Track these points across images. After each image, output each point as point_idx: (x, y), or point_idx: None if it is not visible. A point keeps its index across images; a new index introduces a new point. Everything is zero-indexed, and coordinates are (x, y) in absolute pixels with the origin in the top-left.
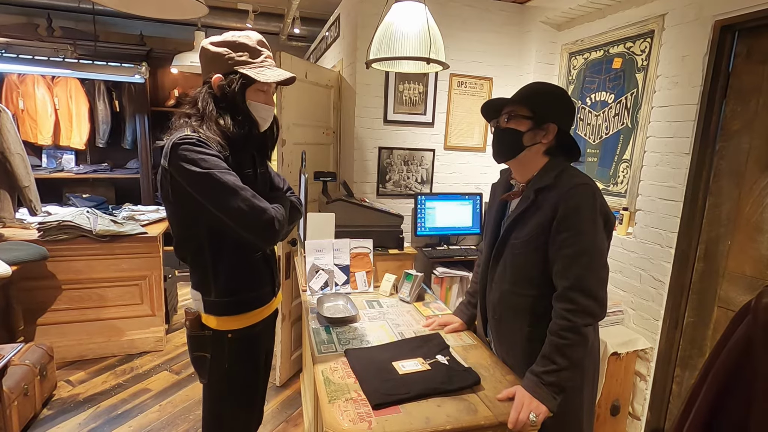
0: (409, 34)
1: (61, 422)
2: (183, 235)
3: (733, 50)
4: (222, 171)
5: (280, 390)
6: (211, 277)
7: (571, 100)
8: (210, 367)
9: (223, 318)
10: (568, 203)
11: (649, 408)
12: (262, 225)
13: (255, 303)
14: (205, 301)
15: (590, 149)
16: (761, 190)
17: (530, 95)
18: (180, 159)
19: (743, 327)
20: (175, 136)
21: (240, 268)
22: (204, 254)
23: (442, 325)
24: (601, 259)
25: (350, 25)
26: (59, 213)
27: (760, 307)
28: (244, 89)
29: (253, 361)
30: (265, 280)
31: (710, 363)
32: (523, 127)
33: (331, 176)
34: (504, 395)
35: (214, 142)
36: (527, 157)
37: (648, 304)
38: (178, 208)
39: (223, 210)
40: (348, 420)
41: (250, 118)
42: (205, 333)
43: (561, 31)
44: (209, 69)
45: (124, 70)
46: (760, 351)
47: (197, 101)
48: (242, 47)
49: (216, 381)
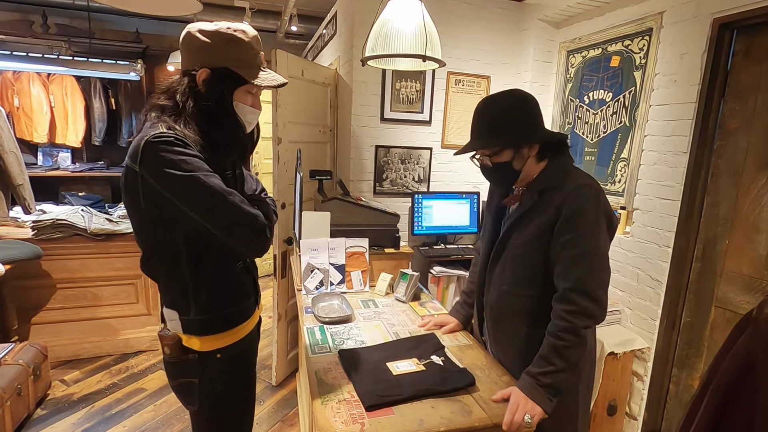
0: (405, 32)
1: (54, 422)
2: (155, 247)
3: (731, 48)
4: (206, 174)
5: (276, 389)
6: (191, 292)
7: (526, 105)
8: (200, 392)
9: (209, 337)
10: (572, 205)
11: (646, 408)
12: (253, 233)
13: (240, 317)
14: (184, 321)
15: (588, 148)
16: (759, 189)
17: (491, 129)
18: (155, 160)
19: (744, 339)
20: (149, 134)
21: (223, 280)
22: (181, 267)
23: (437, 325)
24: (603, 261)
25: (347, 23)
26: (54, 211)
27: (761, 318)
28: (233, 90)
29: (246, 379)
30: (249, 291)
31: (710, 375)
32: (506, 157)
33: (327, 175)
34: (499, 396)
35: (193, 140)
36: (525, 172)
37: (645, 304)
38: (150, 216)
39: (208, 217)
40: (341, 421)
41: (236, 120)
42: (190, 357)
43: (559, 29)
44: (194, 60)
45: (120, 67)
46: (762, 364)
47: (175, 93)
48: (236, 43)
49: (209, 407)
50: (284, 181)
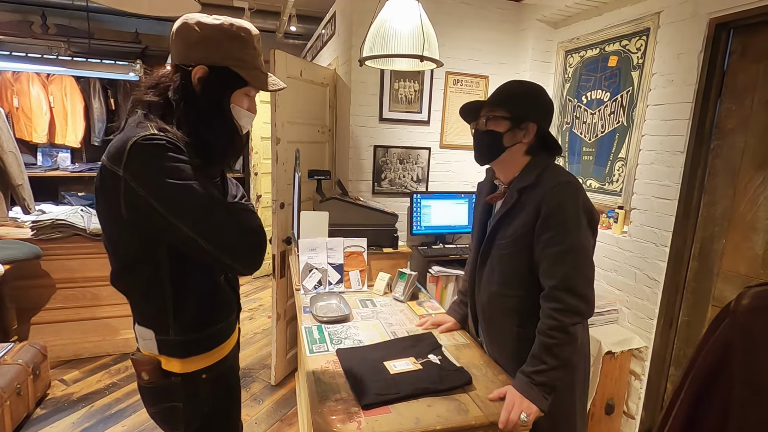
0: (402, 32)
1: (54, 422)
2: (132, 260)
3: (728, 48)
4: (202, 184)
5: (275, 389)
6: (171, 310)
7: (549, 99)
8: (185, 416)
9: (191, 359)
10: (551, 202)
11: (644, 407)
12: (251, 247)
13: (224, 334)
14: (161, 341)
15: (586, 148)
16: (756, 188)
17: (507, 96)
18: (144, 165)
19: (722, 330)
20: (137, 134)
21: (207, 296)
22: (161, 283)
23: (435, 324)
24: (587, 257)
25: (345, 23)
26: (53, 211)
27: (739, 309)
28: (231, 91)
29: (233, 394)
30: (233, 306)
31: (690, 366)
32: (502, 128)
33: (325, 174)
34: (495, 395)
35: (184, 144)
36: (508, 157)
37: (643, 303)
38: (130, 225)
39: (202, 232)
40: (338, 420)
41: (232, 124)
42: (173, 380)
43: (557, 29)
44: (191, 55)
45: (119, 67)
46: (739, 355)
47: (165, 90)
48: (240, 40)
49: (196, 429)
50: (283, 181)
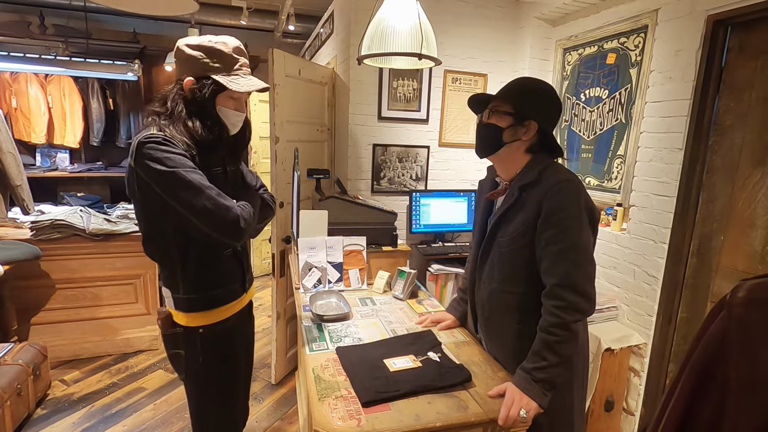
0: (400, 30)
1: (54, 422)
2: (150, 232)
3: (726, 45)
4: (187, 169)
5: (275, 388)
6: (179, 274)
7: (558, 100)
8: (186, 363)
9: (192, 314)
10: (553, 200)
11: (643, 403)
12: (227, 223)
13: (223, 299)
14: (175, 298)
15: (584, 145)
16: (754, 185)
17: (515, 91)
18: (145, 157)
19: (718, 323)
20: (142, 135)
21: (208, 265)
22: (171, 251)
23: (434, 322)
24: (588, 254)
25: (344, 22)
26: (52, 212)
27: (734, 302)
28: (215, 95)
29: (228, 355)
30: (235, 276)
31: (686, 359)
32: (503, 123)
33: (324, 173)
34: (495, 392)
35: (180, 141)
36: (508, 153)
37: (642, 300)
38: (145, 205)
39: (188, 208)
40: (338, 418)
41: (220, 122)
42: (177, 330)
43: (555, 27)
44: (183, 70)
45: (117, 67)
46: (734, 349)
47: (167, 100)
48: (217, 54)
49: (193, 376)
50: (282, 180)
